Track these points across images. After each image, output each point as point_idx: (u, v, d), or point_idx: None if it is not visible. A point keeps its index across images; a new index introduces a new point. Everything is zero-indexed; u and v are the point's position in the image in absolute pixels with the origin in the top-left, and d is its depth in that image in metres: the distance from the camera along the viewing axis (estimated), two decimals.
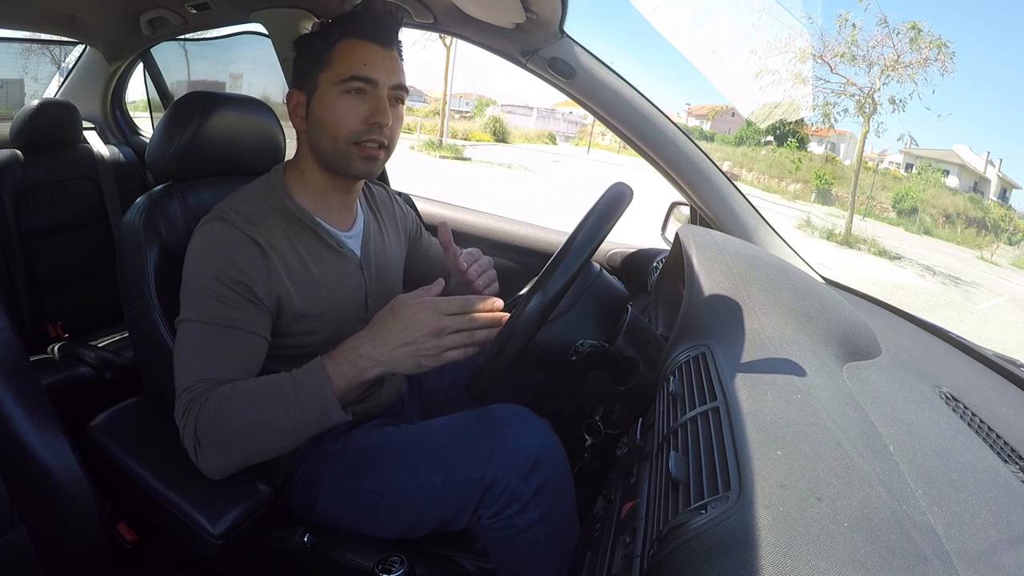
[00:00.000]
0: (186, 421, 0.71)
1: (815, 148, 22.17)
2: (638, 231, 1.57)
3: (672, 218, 1.34)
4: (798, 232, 12.22)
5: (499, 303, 0.71)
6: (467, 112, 30.75)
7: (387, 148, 0.84)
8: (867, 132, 13.13)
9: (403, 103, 0.85)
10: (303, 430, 0.71)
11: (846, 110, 13.33)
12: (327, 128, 0.81)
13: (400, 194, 1.18)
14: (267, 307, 0.79)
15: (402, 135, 0.88)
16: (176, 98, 1.18)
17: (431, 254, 1.11)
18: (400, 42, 0.86)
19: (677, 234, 0.95)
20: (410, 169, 10.54)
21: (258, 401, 0.70)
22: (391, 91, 0.82)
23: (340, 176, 0.85)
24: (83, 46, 1.81)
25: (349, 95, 0.80)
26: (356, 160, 0.82)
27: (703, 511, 0.42)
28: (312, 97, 0.83)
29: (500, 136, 23.02)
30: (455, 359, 0.70)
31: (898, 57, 12.69)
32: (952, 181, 19.30)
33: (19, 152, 1.53)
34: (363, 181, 0.92)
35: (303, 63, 0.84)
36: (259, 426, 0.70)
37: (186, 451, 0.72)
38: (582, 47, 1.07)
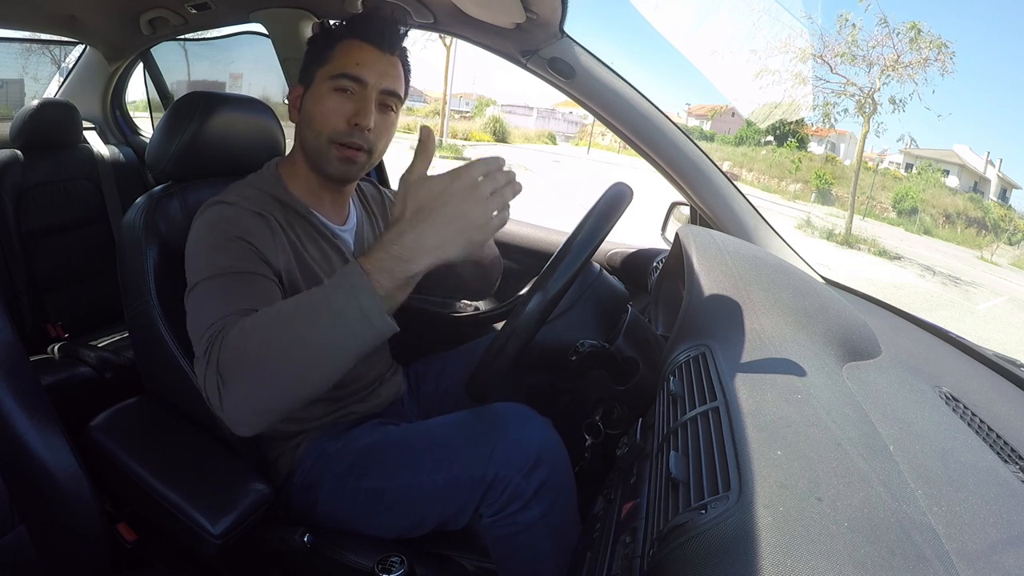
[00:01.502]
0: (208, 361, 0.61)
1: (815, 148, 22.12)
2: (638, 230, 1.57)
3: (672, 218, 1.33)
4: (798, 232, 12.21)
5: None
6: (467, 112, 30.68)
7: (369, 153, 0.83)
8: (867, 132, 13.14)
9: (394, 111, 0.85)
10: (340, 344, 0.59)
11: (846, 110, 13.35)
12: (313, 121, 0.82)
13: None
14: (274, 271, 0.77)
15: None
16: (176, 98, 1.18)
17: None
18: (405, 49, 0.86)
19: (677, 234, 0.95)
20: None
21: (286, 318, 0.60)
22: (381, 95, 0.82)
23: (321, 175, 0.86)
24: (83, 46, 1.81)
25: (337, 93, 0.81)
26: (333, 159, 0.82)
27: (703, 511, 0.42)
28: (307, 91, 0.85)
29: (500, 136, 22.98)
30: (503, 223, 0.60)
31: (898, 57, 12.69)
32: (952, 181, 19.26)
33: (19, 152, 1.53)
34: (354, 182, 0.92)
35: (307, 60, 0.86)
36: (291, 344, 0.59)
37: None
38: (582, 47, 1.06)
